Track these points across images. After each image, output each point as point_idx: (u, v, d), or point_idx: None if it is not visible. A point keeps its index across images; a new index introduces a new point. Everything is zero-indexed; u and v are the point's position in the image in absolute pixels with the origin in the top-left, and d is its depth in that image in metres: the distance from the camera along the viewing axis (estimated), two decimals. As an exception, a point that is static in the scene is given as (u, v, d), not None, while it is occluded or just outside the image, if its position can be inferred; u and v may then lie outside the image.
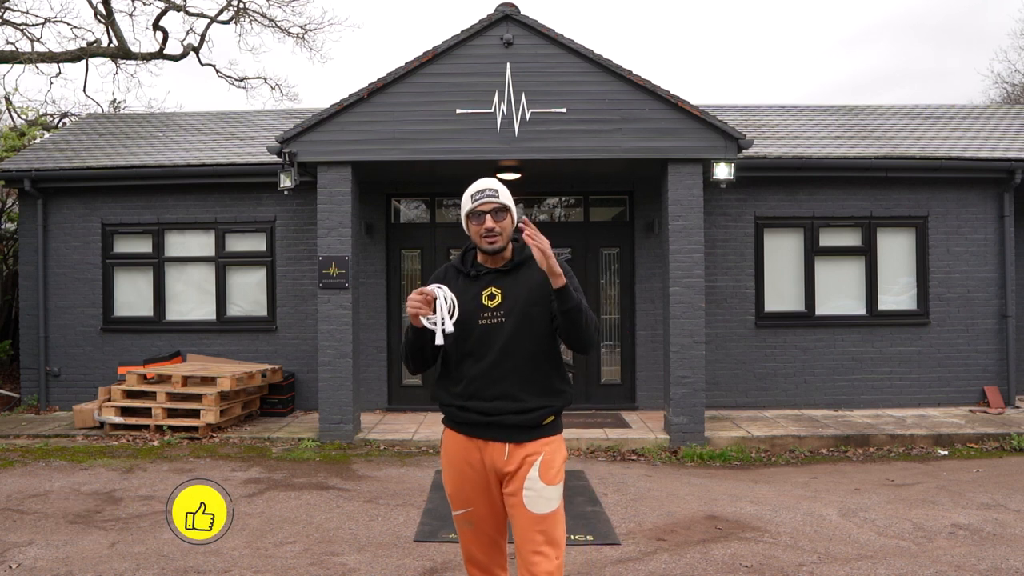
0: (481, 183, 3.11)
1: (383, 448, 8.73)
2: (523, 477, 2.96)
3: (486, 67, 8.85)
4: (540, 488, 2.94)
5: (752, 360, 10.59)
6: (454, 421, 3.08)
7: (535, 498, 2.94)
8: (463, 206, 3.13)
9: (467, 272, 3.15)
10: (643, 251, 10.71)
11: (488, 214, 3.04)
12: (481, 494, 3.05)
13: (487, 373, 2.99)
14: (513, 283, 3.09)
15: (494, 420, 2.99)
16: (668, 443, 8.77)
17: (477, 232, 3.08)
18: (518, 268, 3.14)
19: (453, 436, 3.10)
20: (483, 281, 3.10)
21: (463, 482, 3.06)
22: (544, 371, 3.05)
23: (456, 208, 11.26)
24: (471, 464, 3.04)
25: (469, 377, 3.02)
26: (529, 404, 2.99)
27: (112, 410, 9.37)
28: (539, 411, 3.00)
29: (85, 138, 12.54)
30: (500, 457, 2.99)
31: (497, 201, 3.05)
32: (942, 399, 10.56)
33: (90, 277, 10.97)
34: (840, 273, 10.68)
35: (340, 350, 8.99)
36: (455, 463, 3.08)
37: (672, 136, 8.84)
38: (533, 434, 3.01)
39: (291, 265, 10.84)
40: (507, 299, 3.05)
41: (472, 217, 3.08)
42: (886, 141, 11.23)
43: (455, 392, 3.05)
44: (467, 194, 3.11)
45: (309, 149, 8.91)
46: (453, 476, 3.09)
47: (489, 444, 3.01)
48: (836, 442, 8.73)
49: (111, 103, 20.56)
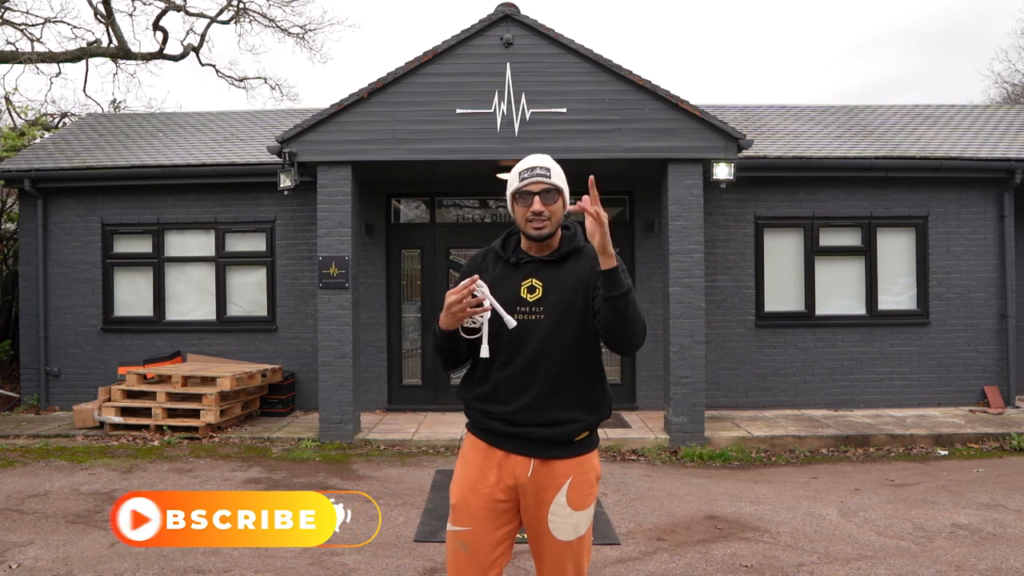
0: (531, 159, 2.74)
1: (383, 448, 8.73)
2: (549, 501, 2.64)
3: (486, 67, 8.85)
4: (567, 514, 2.64)
5: (752, 360, 10.58)
6: (477, 427, 2.76)
7: (562, 524, 2.64)
8: (509, 184, 2.77)
9: (507, 259, 2.79)
10: (643, 251, 10.71)
11: (537, 195, 2.67)
12: (487, 518, 2.67)
13: (518, 376, 2.66)
14: (557, 275, 2.73)
15: (520, 431, 2.65)
16: (668, 443, 8.77)
17: (523, 215, 2.70)
18: (565, 259, 2.76)
19: (474, 443, 2.76)
20: (524, 271, 2.74)
21: (471, 496, 2.69)
22: (581, 378, 2.70)
23: (456, 208, 11.27)
24: (487, 480, 2.68)
25: (497, 379, 2.68)
26: (560, 416, 2.64)
27: (112, 410, 9.36)
28: (571, 425, 2.66)
29: (85, 138, 12.53)
30: (523, 472, 2.66)
31: (548, 181, 2.68)
32: (942, 399, 10.55)
33: (90, 277, 10.96)
34: (840, 273, 10.67)
35: (340, 350, 8.98)
36: (470, 474, 2.72)
37: (672, 136, 8.84)
38: (562, 451, 2.66)
39: (291, 265, 10.84)
40: (549, 293, 2.69)
41: (518, 198, 2.71)
42: (886, 141, 11.22)
43: (480, 394, 2.72)
44: (514, 171, 2.74)
45: (309, 149, 8.91)
46: (463, 487, 2.72)
47: (511, 457, 2.67)
48: (836, 442, 8.72)
49: (111, 103, 20.57)
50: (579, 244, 2.77)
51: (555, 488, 2.64)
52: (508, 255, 2.80)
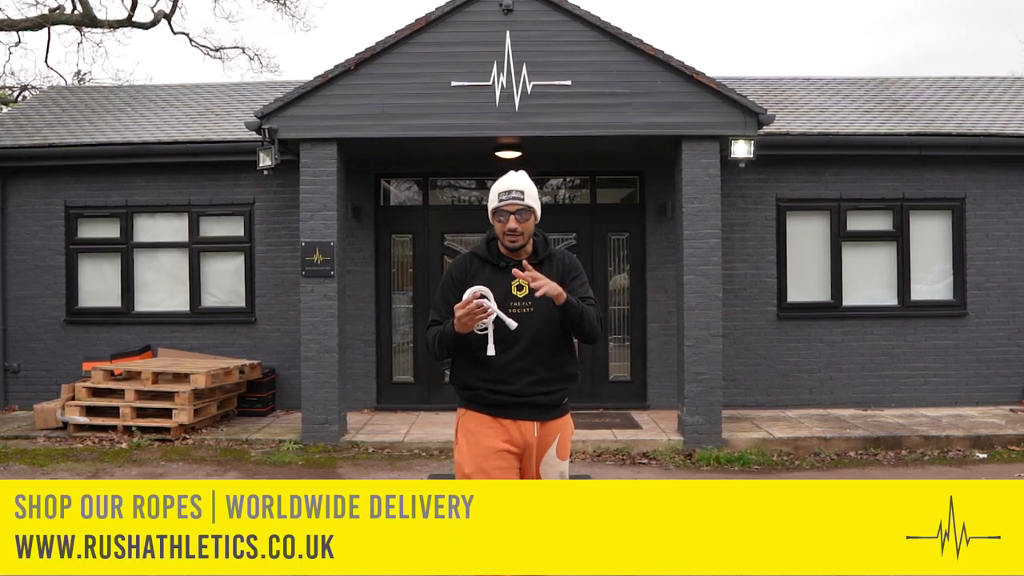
0: (509, 181, 3.56)
1: (372, 451, 8.75)
2: (543, 454, 3.60)
3: (484, 36, 8.82)
4: (555, 463, 3.63)
5: (773, 355, 10.58)
6: (482, 403, 3.57)
7: (551, 472, 3.62)
8: (489, 201, 3.60)
9: (495, 263, 3.62)
10: (655, 236, 10.70)
11: (513, 215, 3.51)
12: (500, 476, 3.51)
13: (519, 359, 3.52)
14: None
15: (526, 400, 3.53)
16: (682, 445, 8.78)
17: (501, 230, 3.56)
18: (542, 264, 3.63)
19: (478, 417, 3.59)
20: (512, 273, 3.50)
21: (485, 463, 3.52)
22: (563, 355, 3.64)
23: (451, 189, 11.27)
24: (496, 447, 3.53)
25: (500, 364, 3.50)
26: (554, 387, 3.58)
27: (76, 409, 9.37)
28: (560, 392, 3.62)
29: (47, 113, 12.49)
30: (531, 434, 3.56)
31: (522, 203, 3.52)
32: (980, 397, 10.55)
33: (52, 265, 10.95)
34: (869, 260, 10.66)
35: (325, 344, 8.99)
36: (481, 442, 3.55)
37: (687, 111, 8.82)
38: (554, 413, 3.62)
39: (271, 251, 10.83)
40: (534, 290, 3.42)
41: (496, 214, 3.56)
42: (920, 116, 11.18)
43: (486, 377, 3.54)
44: (495, 189, 3.57)
45: (291, 125, 8.89)
46: (474, 457, 3.55)
47: (519, 423, 3.55)
48: (865, 444, 8.73)
49: (75, 75, 20.56)
50: (551, 249, 3.74)
51: (549, 443, 3.62)
52: (495, 259, 3.63)
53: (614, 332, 10.86)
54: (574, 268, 3.69)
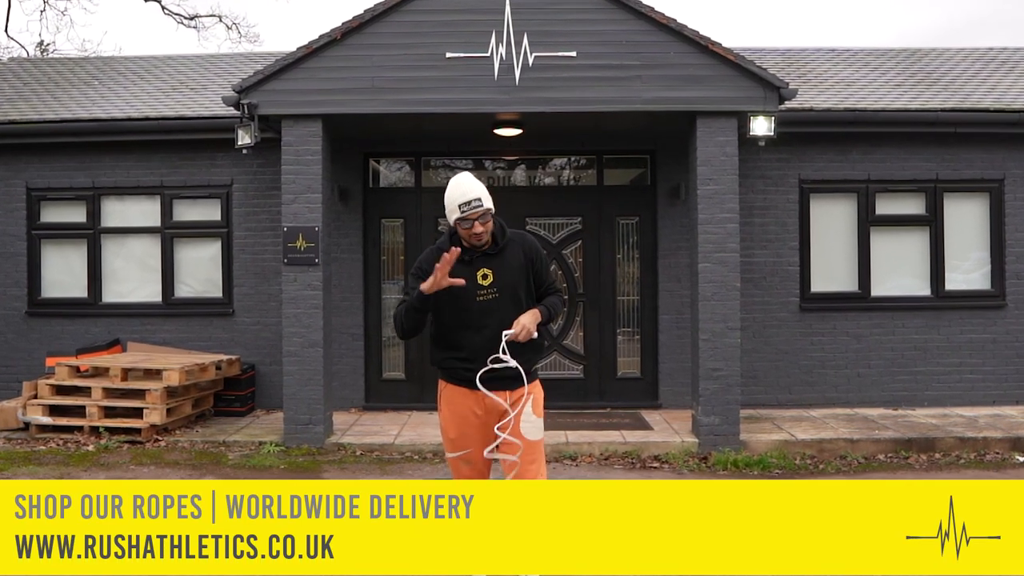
0: (465, 191, 4.11)
1: (359, 454, 8.70)
2: (519, 412, 4.22)
3: (481, 3, 8.75)
4: (533, 419, 4.30)
5: (796, 349, 10.53)
6: (459, 379, 4.27)
7: (530, 428, 4.27)
8: (449, 210, 4.15)
9: (460, 257, 4.08)
10: (667, 221, 10.62)
11: (476, 220, 4.11)
12: (480, 439, 4.29)
13: (489, 341, 4.14)
14: (501, 263, 4.26)
15: (496, 374, 4.13)
16: (696, 448, 8.72)
17: (467, 235, 4.15)
18: (503, 250, 4.27)
19: (457, 390, 4.30)
20: (476, 264, 4.21)
21: (466, 427, 4.31)
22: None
23: (446, 169, 11.16)
24: (475, 412, 4.26)
25: (472, 346, 4.20)
26: (522, 360, 4.15)
27: (39, 409, 9.31)
28: (525, 364, 4.20)
29: (7, 87, 12.42)
30: (504, 401, 4.19)
31: (482, 208, 4.10)
32: (1021, 396, 10.50)
33: (13, 252, 10.88)
34: (900, 247, 10.60)
35: (309, 338, 8.93)
36: (460, 412, 4.30)
37: (702, 85, 8.73)
38: (521, 381, 4.22)
39: (251, 237, 10.76)
40: (498, 277, 4.22)
41: (460, 223, 4.13)
42: (955, 91, 11.10)
43: (460, 356, 4.24)
44: (452, 201, 4.12)
45: (272, 100, 8.81)
46: (457, 423, 4.33)
47: (493, 393, 4.15)
48: (895, 446, 8.68)
49: (38, 45, 20.45)
50: (509, 236, 4.33)
51: (522, 403, 4.25)
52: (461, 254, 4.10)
53: (623, 324, 10.79)
54: (537, 255, 4.36)
